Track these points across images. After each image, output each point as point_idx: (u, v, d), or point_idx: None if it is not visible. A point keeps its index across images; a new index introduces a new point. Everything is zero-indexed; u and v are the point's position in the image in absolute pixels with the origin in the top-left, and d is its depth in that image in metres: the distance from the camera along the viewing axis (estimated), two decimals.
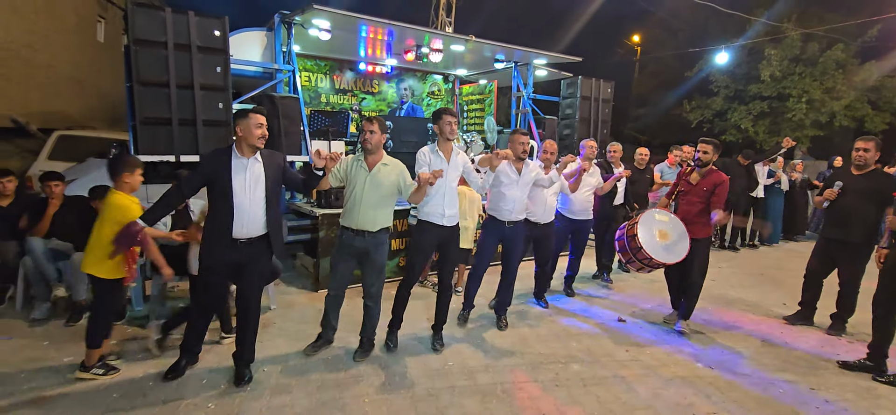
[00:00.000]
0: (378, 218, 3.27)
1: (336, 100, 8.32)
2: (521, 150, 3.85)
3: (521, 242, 4.01)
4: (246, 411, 2.75)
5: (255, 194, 2.87)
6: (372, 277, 3.37)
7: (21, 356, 3.30)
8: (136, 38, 4.22)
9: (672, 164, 6.67)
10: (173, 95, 4.40)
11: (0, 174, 4.33)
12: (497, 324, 4.15)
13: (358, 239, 3.27)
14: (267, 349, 3.49)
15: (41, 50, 8.45)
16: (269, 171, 2.93)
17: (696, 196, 4.06)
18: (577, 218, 4.87)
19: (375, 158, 3.29)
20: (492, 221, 4.00)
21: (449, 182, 3.43)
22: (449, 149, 3.49)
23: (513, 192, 3.86)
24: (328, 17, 5.55)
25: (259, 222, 2.90)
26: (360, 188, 3.24)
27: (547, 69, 8.65)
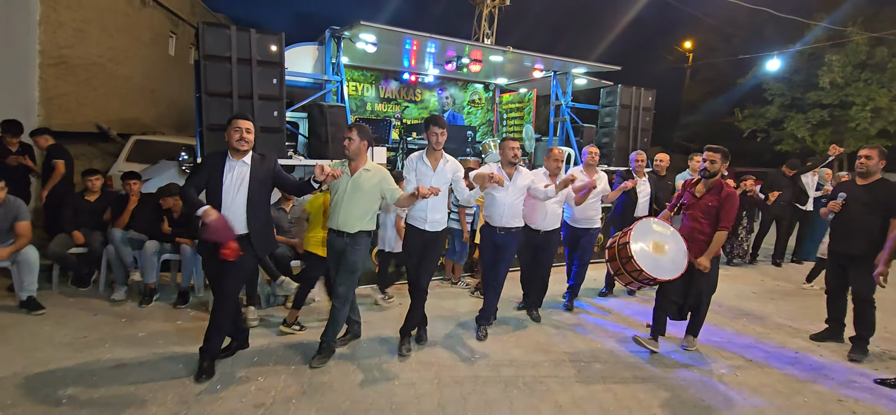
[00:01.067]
0: (356, 221, 3.36)
1: (381, 108, 8.74)
2: (512, 155, 3.89)
3: (512, 249, 3.99)
4: (280, 404, 3.09)
5: (237, 195, 3.07)
6: (342, 276, 3.41)
7: (104, 331, 3.81)
8: (206, 53, 4.73)
9: (694, 171, 6.36)
10: (235, 104, 4.90)
11: (88, 173, 4.99)
12: (476, 333, 4.03)
13: (338, 240, 3.39)
14: (314, 336, 3.83)
15: (122, 63, 9.42)
16: (255, 174, 3.12)
17: (700, 211, 3.71)
18: (580, 226, 4.71)
19: (357, 164, 3.38)
20: (486, 227, 4.05)
21: None
22: (437, 158, 3.56)
23: (503, 197, 3.89)
24: (375, 31, 5.93)
25: (240, 221, 3.09)
26: (341, 191, 3.37)
27: (586, 78, 8.71)
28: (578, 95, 8.80)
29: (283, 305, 4.57)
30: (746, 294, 5.78)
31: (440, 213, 3.59)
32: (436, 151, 3.56)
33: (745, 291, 5.89)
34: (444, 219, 3.64)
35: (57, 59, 7.57)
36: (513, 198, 3.92)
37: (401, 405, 2.94)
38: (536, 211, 4.22)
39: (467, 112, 9.65)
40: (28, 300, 4.08)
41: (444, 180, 3.58)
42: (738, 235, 7.27)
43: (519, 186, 3.94)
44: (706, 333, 4.16)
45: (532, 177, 4.04)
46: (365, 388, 3.12)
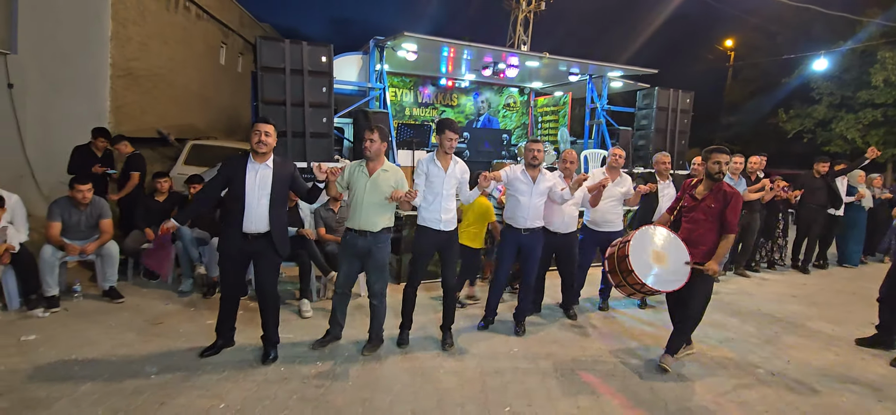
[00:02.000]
0: (378, 219, 3.48)
1: (418, 112, 9.06)
2: (531, 156, 3.94)
3: (538, 248, 4.08)
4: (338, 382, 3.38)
5: (261, 196, 3.25)
6: (374, 275, 3.56)
7: (176, 318, 4.22)
8: (262, 65, 5.14)
9: (735, 175, 6.09)
10: (288, 112, 5.28)
11: (158, 176, 5.47)
12: (514, 330, 4.17)
13: (361, 239, 3.49)
14: (359, 331, 4.09)
15: (179, 73, 10.11)
16: (277, 177, 3.29)
17: (701, 214, 3.47)
18: (601, 230, 4.60)
19: (376, 165, 3.50)
20: (508, 228, 4.10)
21: (446, 190, 3.62)
22: (448, 160, 3.66)
23: (527, 199, 3.96)
24: (416, 41, 6.23)
25: (263, 220, 3.27)
26: (360, 192, 3.46)
27: (622, 81, 8.75)
28: (614, 98, 8.84)
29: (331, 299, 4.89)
30: (786, 297, 5.73)
31: (451, 212, 3.69)
32: (447, 155, 3.66)
33: (785, 295, 5.84)
34: (455, 218, 3.75)
35: (125, 70, 8.24)
36: (536, 200, 3.99)
37: (446, 391, 3.17)
38: (554, 214, 4.26)
39: (502, 116, 9.84)
40: (110, 290, 4.55)
41: (454, 180, 3.69)
42: (775, 240, 7.10)
43: (541, 188, 4.00)
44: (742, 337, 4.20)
45: (554, 179, 4.08)
46: (413, 375, 3.38)
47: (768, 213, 6.70)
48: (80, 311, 4.23)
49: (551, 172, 4.18)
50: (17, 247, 4.09)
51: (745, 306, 5.29)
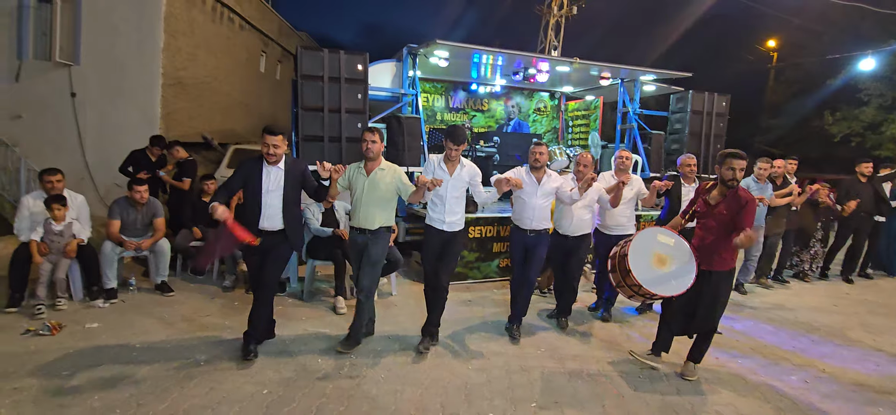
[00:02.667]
0: (377, 217, 3.61)
1: (449, 117, 9.21)
2: (533, 159, 3.99)
3: (542, 250, 4.07)
4: (373, 373, 3.55)
5: (274, 196, 3.43)
6: (365, 270, 3.64)
7: (222, 311, 4.51)
8: (303, 74, 5.40)
9: (761, 179, 5.64)
10: (326, 118, 5.52)
11: (205, 178, 5.83)
12: (510, 334, 4.16)
13: (361, 236, 3.64)
14: (390, 327, 4.27)
15: (223, 81, 10.65)
16: (289, 177, 3.46)
17: (713, 221, 3.33)
18: (612, 234, 4.44)
19: (374, 164, 3.63)
20: (515, 229, 4.15)
21: (451, 193, 3.70)
22: (454, 164, 3.74)
23: (532, 200, 3.98)
24: (448, 48, 6.39)
25: (278, 218, 3.45)
26: (360, 191, 3.61)
27: (655, 84, 8.65)
28: (647, 102, 8.76)
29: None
30: (826, 307, 5.57)
31: (457, 215, 3.76)
32: (451, 162, 3.74)
33: (825, 305, 5.67)
34: (461, 220, 3.80)
35: (174, 79, 8.77)
36: (541, 201, 4.01)
37: (474, 386, 3.29)
38: (564, 216, 4.28)
39: (533, 120, 9.88)
40: (161, 284, 4.90)
41: (460, 184, 3.75)
42: (810, 249, 6.75)
43: (546, 189, 4.02)
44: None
45: (561, 181, 4.07)
46: (442, 371, 3.51)
47: (805, 220, 6.46)
48: (135, 302, 4.58)
49: (560, 174, 4.17)
50: (85, 239, 4.47)
51: (780, 315, 5.18)
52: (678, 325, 3.54)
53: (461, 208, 3.81)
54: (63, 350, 3.49)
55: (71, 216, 4.47)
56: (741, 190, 3.29)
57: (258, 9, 12.28)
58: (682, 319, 3.50)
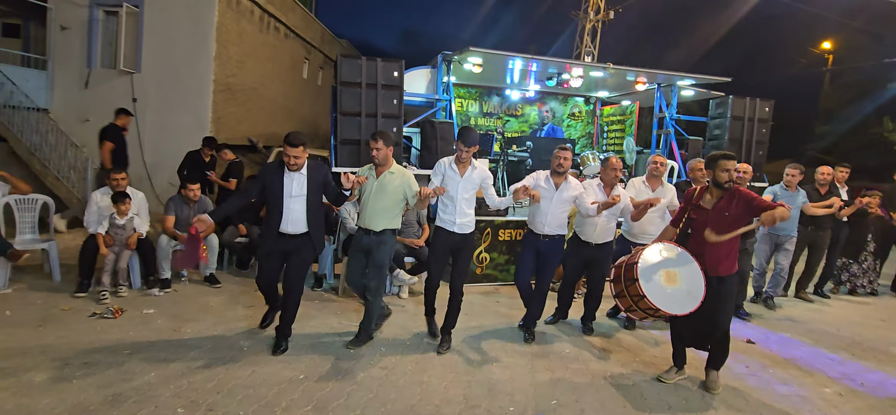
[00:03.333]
0: (381, 220, 3.66)
1: (483, 122, 9.34)
2: (556, 164, 3.95)
3: (556, 256, 4.05)
4: (401, 365, 3.73)
5: (297, 201, 3.50)
6: (372, 271, 3.72)
7: (262, 304, 4.79)
8: (342, 80, 5.68)
9: (790, 186, 5.37)
10: (363, 122, 5.78)
11: (250, 179, 6.21)
12: (524, 338, 4.15)
13: (365, 237, 3.70)
14: (420, 323, 4.43)
15: (268, 87, 11.22)
16: (311, 183, 3.53)
17: (715, 224, 3.16)
18: (639, 242, 4.24)
19: (383, 168, 3.67)
20: (529, 233, 4.12)
21: (461, 195, 3.71)
22: (465, 166, 3.74)
23: (546, 205, 3.93)
24: (481, 55, 6.55)
25: (301, 222, 3.53)
26: (368, 193, 3.68)
27: (694, 89, 8.49)
28: (686, 107, 8.60)
29: (397, 295, 5.29)
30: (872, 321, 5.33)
31: (468, 216, 3.76)
32: (462, 164, 3.75)
33: (872, 319, 5.43)
34: (471, 222, 3.80)
35: (224, 86, 9.34)
36: (557, 207, 3.96)
37: (497, 382, 3.41)
38: (586, 223, 4.20)
39: (567, 125, 9.86)
40: (210, 276, 5.27)
41: (471, 186, 3.75)
42: (862, 262, 6.39)
43: (565, 196, 3.96)
44: None
45: (581, 189, 4.02)
46: (468, 365, 3.65)
47: (853, 231, 6.17)
48: (186, 292, 4.95)
49: (580, 181, 4.12)
50: (143, 233, 4.89)
51: (821, 327, 5.01)
52: (690, 338, 3.44)
53: (472, 210, 3.82)
54: (124, 332, 3.85)
55: (132, 212, 4.89)
56: (738, 187, 3.22)
57: (302, 18, 12.85)
58: (693, 330, 3.37)
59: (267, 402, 2.94)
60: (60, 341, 3.61)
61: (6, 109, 8.52)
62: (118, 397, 2.86)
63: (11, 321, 3.90)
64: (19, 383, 2.93)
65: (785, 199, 5.23)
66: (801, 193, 5.42)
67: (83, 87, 9.01)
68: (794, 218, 5.30)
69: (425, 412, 2.97)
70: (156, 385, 3.04)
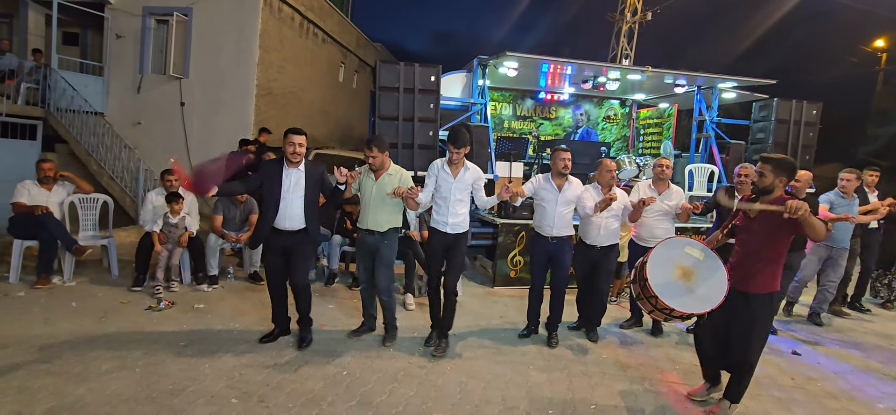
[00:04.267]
0: (384, 219, 3.74)
1: (516, 125, 9.35)
2: (563, 166, 3.95)
3: (568, 256, 4.08)
4: (440, 364, 3.80)
5: (295, 196, 3.58)
6: (380, 271, 3.82)
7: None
8: (380, 85, 5.83)
9: (846, 193, 4.99)
10: (400, 126, 5.92)
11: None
12: (547, 341, 4.15)
13: (370, 237, 3.79)
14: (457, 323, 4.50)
15: (307, 91, 11.55)
16: (309, 179, 3.61)
17: (755, 234, 2.91)
18: (648, 246, 4.07)
19: (381, 171, 3.75)
20: (537, 237, 4.13)
21: (454, 196, 3.72)
22: (457, 167, 3.75)
23: (552, 208, 4.00)
24: (517, 59, 6.58)
25: (299, 218, 3.61)
26: (368, 194, 3.77)
27: (736, 91, 8.25)
28: (728, 109, 8.37)
29: None
30: None
31: (460, 216, 3.78)
32: (455, 163, 3.75)
33: None
34: (464, 222, 3.81)
35: (266, 90, 9.68)
36: (562, 208, 4.01)
37: (535, 384, 3.44)
38: (590, 225, 4.17)
39: (602, 128, 9.75)
40: (253, 274, 5.49)
41: (463, 187, 3.77)
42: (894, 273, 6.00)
43: (568, 196, 4.02)
44: None
45: (582, 190, 4.07)
46: (504, 367, 3.69)
47: (887, 240, 5.74)
48: (232, 288, 5.18)
49: (580, 182, 4.11)
50: (194, 231, 5.16)
51: (871, 340, 4.81)
52: (710, 356, 3.18)
53: (465, 211, 3.84)
54: (177, 325, 4.08)
55: (184, 211, 5.16)
56: (784, 196, 2.87)
57: (339, 23, 13.17)
58: (714, 348, 3.10)
59: (313, 396, 3.07)
60: (122, 332, 3.86)
61: (67, 112, 9.10)
62: (178, 387, 3.04)
63: (77, 312, 4.19)
64: (88, 371, 3.16)
65: (841, 207, 4.90)
66: (856, 200, 5.06)
67: (135, 91, 9.53)
68: (848, 228, 4.99)
69: (465, 411, 3.03)
70: (210, 376, 3.22)
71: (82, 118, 9.12)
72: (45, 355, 3.34)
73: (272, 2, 9.55)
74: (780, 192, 2.88)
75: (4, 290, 4.54)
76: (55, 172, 5.15)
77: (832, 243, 5.00)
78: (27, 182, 5.00)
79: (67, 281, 4.91)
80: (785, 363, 4.10)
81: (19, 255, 4.84)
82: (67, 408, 2.73)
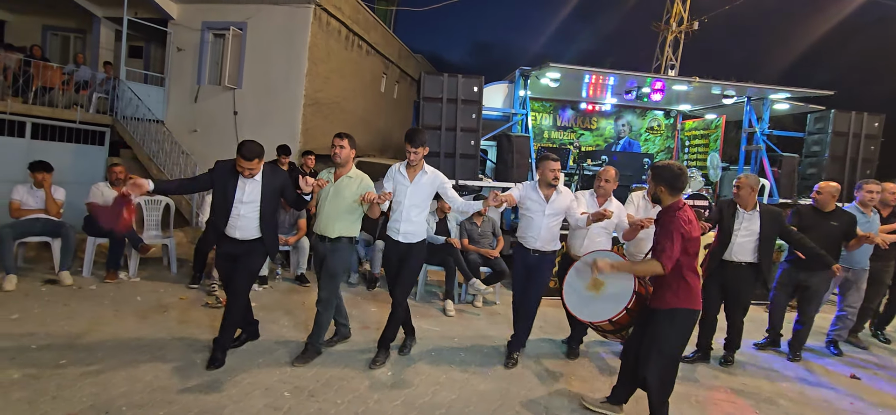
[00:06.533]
0: (336, 226, 3.47)
1: (557, 136, 9.33)
2: (552, 176, 3.63)
3: (545, 275, 3.77)
4: (482, 371, 3.86)
5: (250, 207, 3.34)
6: (323, 281, 3.54)
7: (349, 304, 5.15)
8: (424, 96, 5.99)
9: (867, 209, 4.54)
10: (443, 136, 6.05)
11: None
12: (504, 362, 3.82)
13: (321, 244, 3.55)
14: (495, 331, 4.57)
15: (350, 101, 11.92)
16: (266, 190, 3.36)
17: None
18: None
19: (342, 171, 3.51)
20: (519, 247, 3.84)
21: (409, 199, 3.50)
22: (414, 171, 3.53)
23: (538, 219, 3.69)
24: (560, 70, 6.61)
25: (253, 228, 3.38)
26: (324, 196, 3.52)
27: (790, 103, 7.95)
28: (779, 121, 8.07)
29: (472, 303, 5.45)
30: None
31: (414, 225, 3.54)
32: (413, 165, 3.55)
33: None
34: (419, 231, 3.58)
35: (313, 100, 10.08)
36: (549, 221, 3.69)
37: (577, 395, 3.44)
38: (575, 237, 3.96)
39: (644, 139, 9.59)
40: (300, 276, 5.73)
41: (421, 193, 3.53)
42: None
43: (557, 207, 3.70)
44: None
45: (571, 199, 3.76)
46: (547, 374, 3.70)
47: None
48: (280, 289, 5.42)
49: (570, 191, 3.85)
50: None
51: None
52: (624, 370, 3.10)
53: (420, 219, 3.59)
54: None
55: None
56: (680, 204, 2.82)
57: (383, 35, 13.55)
58: (627, 363, 3.05)
59: (359, 394, 3.19)
60: (183, 326, 4.12)
61: (132, 120, 9.77)
62: (235, 379, 3.24)
63: (142, 306, 4.50)
64: (154, 360, 3.39)
65: (860, 224, 4.35)
66: (877, 217, 4.59)
67: (193, 101, 10.12)
68: (866, 248, 4.39)
69: None
70: (265, 370, 3.40)
71: (145, 126, 9.77)
72: (116, 344, 3.62)
73: (321, 16, 9.96)
74: (670, 202, 2.80)
75: (79, 283, 4.93)
76: (125, 176, 5.56)
77: (848, 264, 4.49)
78: (101, 184, 5.43)
79: (132, 277, 5.27)
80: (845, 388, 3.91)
81: (92, 251, 5.25)
82: (138, 393, 2.96)
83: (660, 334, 2.79)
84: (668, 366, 2.81)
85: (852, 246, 4.18)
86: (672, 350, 2.81)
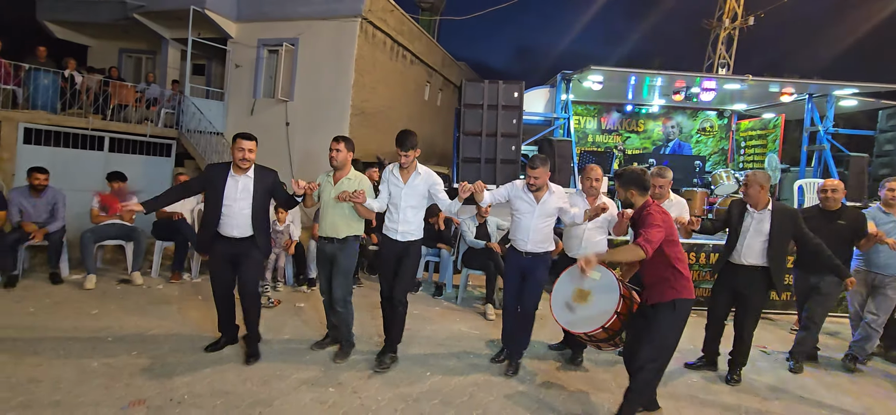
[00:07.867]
0: (342, 226, 3.59)
1: (601, 139, 9.15)
2: (530, 180, 3.59)
3: (541, 275, 3.70)
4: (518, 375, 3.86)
5: (242, 204, 3.43)
6: (337, 281, 3.64)
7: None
8: (465, 103, 6.09)
9: (891, 209, 4.12)
10: (483, 142, 6.12)
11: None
12: (505, 371, 3.73)
13: (328, 245, 3.64)
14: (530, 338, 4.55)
15: (394, 109, 12.23)
16: (258, 187, 3.48)
17: None
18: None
19: (341, 174, 3.61)
20: (512, 250, 3.81)
21: (404, 202, 3.56)
22: (407, 172, 3.58)
23: (528, 221, 3.65)
24: (602, 72, 6.51)
25: (246, 226, 3.47)
26: (326, 199, 3.63)
27: (857, 99, 7.41)
28: (847, 118, 7.53)
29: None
30: None
31: (411, 224, 3.60)
32: (405, 168, 3.59)
33: None
34: (416, 231, 3.64)
35: (359, 110, 10.44)
36: (539, 222, 3.64)
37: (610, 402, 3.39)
38: (571, 238, 3.93)
39: (696, 141, 9.23)
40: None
41: (414, 194, 3.59)
42: None
43: (548, 209, 3.65)
44: None
45: (565, 200, 3.71)
46: (551, 389, 3.67)
47: None
48: (306, 295, 5.64)
49: (563, 191, 3.76)
50: (297, 238, 5.74)
51: None
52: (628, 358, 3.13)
53: (417, 219, 3.66)
54: (283, 320, 4.56)
55: (289, 220, 5.76)
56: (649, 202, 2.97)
57: (426, 45, 13.81)
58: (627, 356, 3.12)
59: (400, 392, 3.30)
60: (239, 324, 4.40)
61: (195, 133, 10.50)
62: (285, 374, 3.44)
63: (203, 306, 4.85)
64: (215, 364, 3.64)
65: (883, 223, 4.01)
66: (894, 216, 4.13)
67: (249, 113, 10.74)
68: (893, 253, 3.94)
69: None
70: (312, 366, 3.59)
71: (206, 138, 10.46)
72: (179, 339, 3.93)
73: (367, 28, 10.31)
74: (641, 202, 2.96)
75: (148, 283, 5.37)
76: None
77: (875, 269, 4.07)
78: None
79: (194, 278, 5.68)
80: None
81: (159, 254, 5.70)
82: (199, 381, 3.21)
83: (661, 326, 2.87)
84: (661, 357, 2.90)
85: (864, 246, 3.89)
86: (669, 341, 2.89)
